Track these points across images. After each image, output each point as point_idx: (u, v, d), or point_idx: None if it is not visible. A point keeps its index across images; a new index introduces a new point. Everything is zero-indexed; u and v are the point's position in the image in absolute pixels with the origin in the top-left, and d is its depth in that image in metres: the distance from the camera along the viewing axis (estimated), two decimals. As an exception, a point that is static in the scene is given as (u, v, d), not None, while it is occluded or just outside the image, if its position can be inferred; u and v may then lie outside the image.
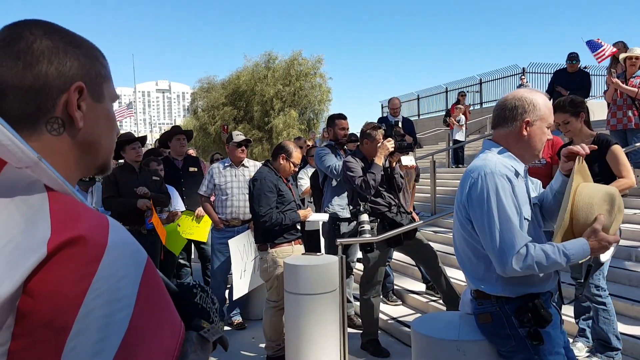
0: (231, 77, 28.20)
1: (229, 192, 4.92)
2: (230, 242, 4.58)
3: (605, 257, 2.23)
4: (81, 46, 0.78)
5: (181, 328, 0.74)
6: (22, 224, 0.63)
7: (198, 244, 5.58)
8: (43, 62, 0.73)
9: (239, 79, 27.36)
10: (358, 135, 4.79)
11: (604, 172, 3.38)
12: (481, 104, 19.99)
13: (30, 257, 0.61)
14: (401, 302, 5.15)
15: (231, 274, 4.68)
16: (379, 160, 4.09)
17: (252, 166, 5.07)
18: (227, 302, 4.92)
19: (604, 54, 6.61)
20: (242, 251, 4.60)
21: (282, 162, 4.08)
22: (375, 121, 7.26)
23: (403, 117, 8.29)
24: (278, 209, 3.94)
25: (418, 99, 23.76)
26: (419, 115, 23.04)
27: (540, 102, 2.01)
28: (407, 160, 4.31)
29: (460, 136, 12.30)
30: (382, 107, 24.61)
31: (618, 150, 3.40)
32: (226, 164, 5.03)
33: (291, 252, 3.98)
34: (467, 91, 20.82)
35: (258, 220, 3.95)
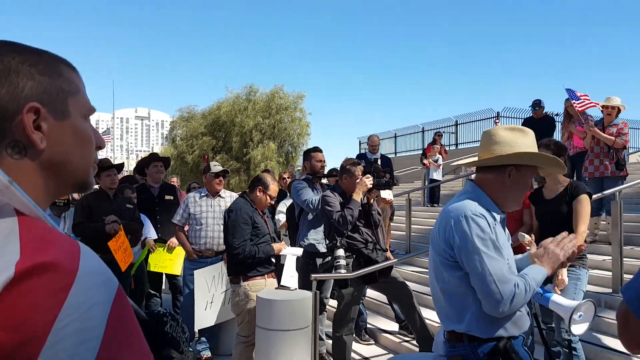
0: (212, 108, 28.30)
1: (203, 222, 4.87)
2: (196, 272, 4.50)
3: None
4: (37, 63, 0.75)
5: (150, 359, 0.72)
6: None
7: (169, 274, 5.47)
8: None
9: (219, 109, 27.46)
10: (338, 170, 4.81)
11: (571, 215, 3.47)
12: (457, 144, 20.37)
13: None
14: (374, 342, 5.08)
15: None
16: (357, 196, 4.11)
17: (228, 197, 5.04)
18: (197, 336, 4.80)
19: (584, 105, 6.81)
20: (209, 282, 4.52)
21: (258, 194, 4.07)
22: (355, 157, 7.32)
23: (381, 154, 8.38)
24: (252, 241, 3.90)
25: (395, 137, 24.11)
26: (395, 153, 23.33)
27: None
28: (386, 194, 4.34)
29: (437, 175, 12.45)
30: (359, 144, 24.87)
31: (584, 200, 3.44)
32: (202, 194, 5.00)
33: (264, 286, 3.92)
34: (443, 132, 21.22)
35: (231, 252, 3.90)
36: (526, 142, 2.01)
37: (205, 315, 4.49)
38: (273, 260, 4.16)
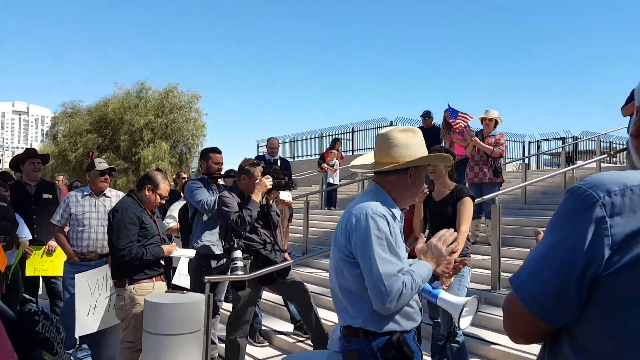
0: (98, 104, 26.63)
1: (86, 223, 4.53)
2: (78, 276, 4.18)
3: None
4: None
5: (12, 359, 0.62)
6: None
7: (47, 278, 5.03)
8: None
9: (107, 106, 25.89)
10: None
11: (454, 215, 3.69)
12: (353, 151, 20.97)
13: None
14: (268, 343, 5.03)
15: None
16: (256, 197, 4.03)
17: (114, 196, 4.74)
18: (78, 343, 4.44)
19: (458, 124, 7.33)
20: (93, 287, 4.21)
21: (147, 193, 3.85)
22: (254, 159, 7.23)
23: (280, 157, 8.38)
24: (140, 242, 3.69)
25: (294, 141, 24.31)
26: (294, 157, 23.51)
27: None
28: (285, 195, 4.33)
29: (334, 179, 12.74)
30: (258, 147, 24.76)
31: (467, 202, 3.69)
32: (85, 193, 4.66)
33: (152, 289, 3.72)
34: (341, 138, 21.73)
35: (116, 254, 3.66)
36: (417, 141, 2.13)
37: (88, 321, 4.16)
38: (162, 262, 3.97)
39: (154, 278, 3.78)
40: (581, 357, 0.99)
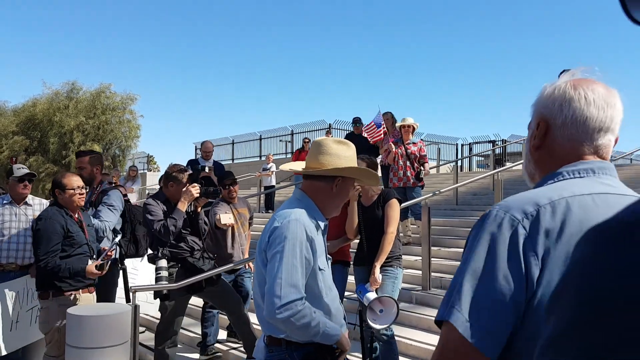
0: (26, 104, 25.24)
1: (6, 232, 4.31)
2: None
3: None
4: None
5: None
6: None
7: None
8: None
9: (35, 106, 24.57)
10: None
11: (384, 218, 3.82)
12: (292, 153, 21.03)
13: None
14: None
15: None
16: (182, 206, 3.93)
17: (37, 205, 4.54)
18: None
19: (373, 137, 7.62)
20: (12, 300, 4.00)
21: (59, 196, 3.71)
22: (186, 163, 7.14)
23: (214, 160, 8.30)
24: (66, 252, 3.54)
25: (233, 143, 24.06)
26: (233, 160, 23.27)
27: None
28: (226, 219, 4.38)
29: (270, 182, 12.78)
30: (195, 149, 24.33)
31: (394, 204, 3.84)
32: (5, 201, 4.42)
33: (78, 302, 3.58)
34: (280, 140, 21.77)
35: (39, 264, 3.50)
36: (349, 154, 2.17)
37: (12, 336, 3.93)
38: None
39: (81, 290, 3.65)
40: None
